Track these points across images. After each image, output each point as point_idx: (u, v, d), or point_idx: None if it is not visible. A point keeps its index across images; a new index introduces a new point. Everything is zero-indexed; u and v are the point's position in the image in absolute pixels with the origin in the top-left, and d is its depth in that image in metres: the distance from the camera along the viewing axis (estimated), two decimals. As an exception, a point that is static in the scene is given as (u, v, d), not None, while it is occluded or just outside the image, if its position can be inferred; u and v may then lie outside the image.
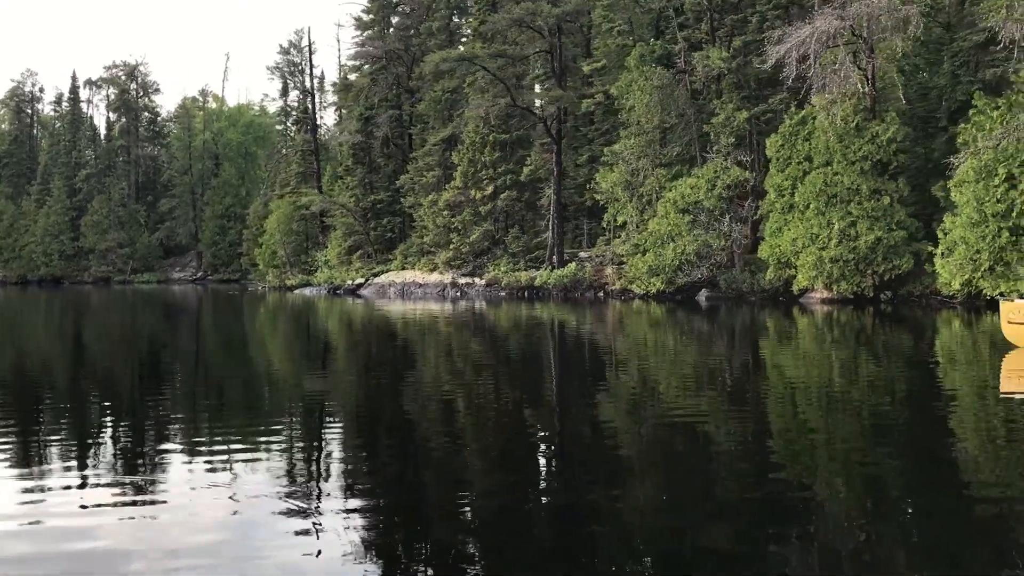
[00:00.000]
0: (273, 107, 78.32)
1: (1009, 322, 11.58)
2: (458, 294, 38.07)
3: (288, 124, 72.65)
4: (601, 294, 32.74)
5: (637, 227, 29.90)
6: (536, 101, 34.58)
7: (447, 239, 40.02)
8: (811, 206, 24.97)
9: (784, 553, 4.39)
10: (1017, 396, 8.84)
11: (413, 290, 40.35)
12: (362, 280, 43.88)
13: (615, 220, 31.38)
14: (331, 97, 67.19)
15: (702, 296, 28.16)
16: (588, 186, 35.93)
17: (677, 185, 28.42)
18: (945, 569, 4.21)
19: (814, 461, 6.33)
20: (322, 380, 11.65)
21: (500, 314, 25.27)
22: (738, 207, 27.85)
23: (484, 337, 17.80)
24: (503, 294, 36.07)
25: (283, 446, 7.15)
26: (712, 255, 27.77)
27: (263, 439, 7.35)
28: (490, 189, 38.40)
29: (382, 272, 43.69)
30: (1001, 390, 9.12)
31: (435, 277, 40.16)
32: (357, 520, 5.01)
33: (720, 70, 27.45)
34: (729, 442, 6.91)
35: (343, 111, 62.01)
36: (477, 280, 38.29)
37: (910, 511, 5.05)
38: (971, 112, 22.04)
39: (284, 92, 72.74)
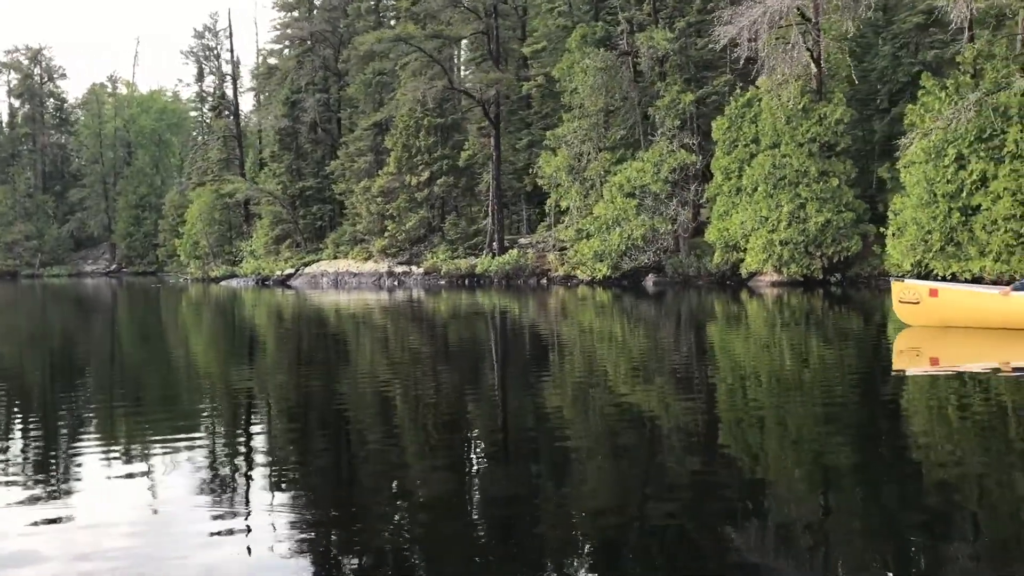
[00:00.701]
0: (188, 93, 75.49)
1: (900, 302, 12.08)
2: (395, 283, 37.06)
3: (204, 110, 70.19)
4: (544, 281, 32.20)
5: (581, 212, 29.40)
6: (474, 84, 33.62)
7: (382, 227, 38.93)
8: (759, 188, 24.82)
9: (737, 539, 4.23)
10: (909, 373, 9.09)
11: (347, 280, 39.16)
12: (292, 270, 42.44)
13: (558, 205, 30.85)
14: (248, 82, 65.03)
15: (649, 281, 27.86)
16: (528, 171, 35.32)
17: (622, 169, 27.99)
18: (896, 545, 4.14)
19: (764, 444, 6.11)
20: (248, 374, 10.91)
21: (439, 303, 24.52)
22: (683, 190, 27.56)
23: (422, 327, 17.15)
24: (443, 282, 35.22)
25: (206, 442, 6.63)
26: (659, 239, 27.45)
27: (185, 435, 6.79)
28: (426, 175, 37.45)
29: (313, 262, 42.34)
30: (893, 367, 9.45)
31: (370, 266, 39.05)
32: (288, 517, 4.67)
33: (665, 51, 27.06)
34: (678, 428, 6.62)
35: (262, 96, 60.08)
36: (415, 268, 37.34)
37: (861, 490, 4.98)
38: (920, 93, 22.09)
39: (200, 77, 70.12)
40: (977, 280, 20.56)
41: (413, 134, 37.89)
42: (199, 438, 6.74)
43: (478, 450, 6.24)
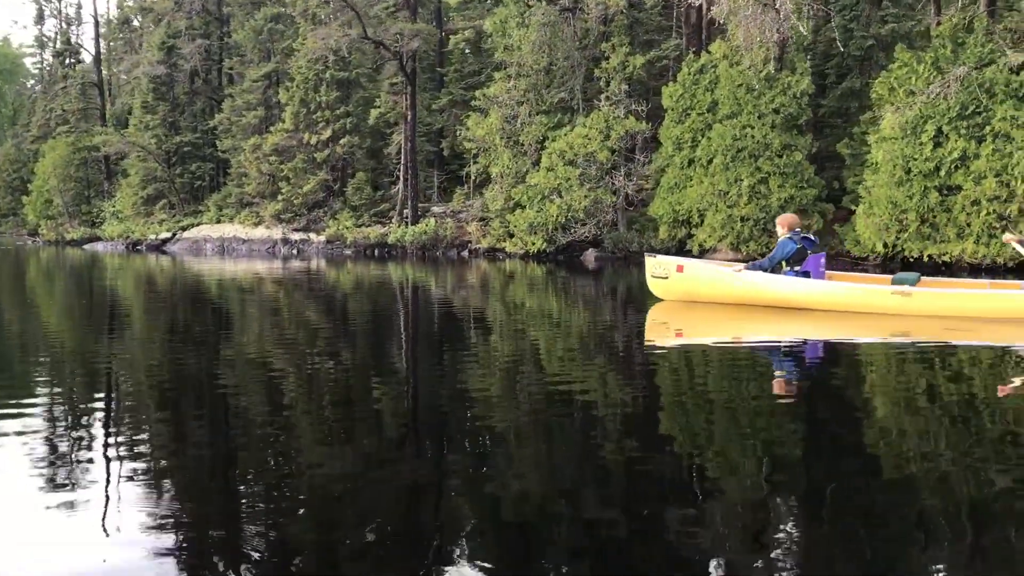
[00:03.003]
0: (25, 37, 68.35)
1: (652, 276, 12.46)
2: (293, 252, 33.76)
3: (45, 55, 63.61)
4: (466, 253, 29.83)
5: (513, 180, 27.14)
6: (391, 35, 30.56)
7: (274, 189, 35.44)
8: (714, 161, 23.31)
9: (675, 528, 3.78)
10: (658, 344, 9.25)
11: (236, 246, 35.47)
12: (169, 234, 38.24)
13: (486, 172, 28.48)
14: (89, 30, 59.20)
15: (590, 256, 25.94)
16: (444, 133, 32.73)
17: (565, 135, 25.88)
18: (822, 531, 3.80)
19: (707, 429, 5.49)
20: (110, 349, 9.17)
21: (344, 275, 22.14)
22: (629, 161, 25.77)
23: (321, 300, 15.33)
24: (349, 252, 32.26)
25: (50, 429, 5.33)
26: (601, 212, 25.58)
27: (25, 421, 5.46)
28: (327, 133, 34.19)
29: (193, 225, 38.26)
30: (645, 340, 9.65)
31: (262, 232, 35.49)
32: (154, 515, 3.85)
33: (617, 7, 25.03)
34: (613, 412, 5.83)
35: (116, 43, 54.76)
36: (314, 236, 34.11)
37: (801, 472, 4.57)
38: (895, 66, 20.99)
39: (39, 19, 63.44)
40: (948, 266, 19.80)
41: (313, 88, 34.53)
42: (42, 425, 5.38)
43: (383, 435, 5.39)
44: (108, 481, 4.32)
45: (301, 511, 3.98)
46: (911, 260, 20.25)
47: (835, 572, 3.37)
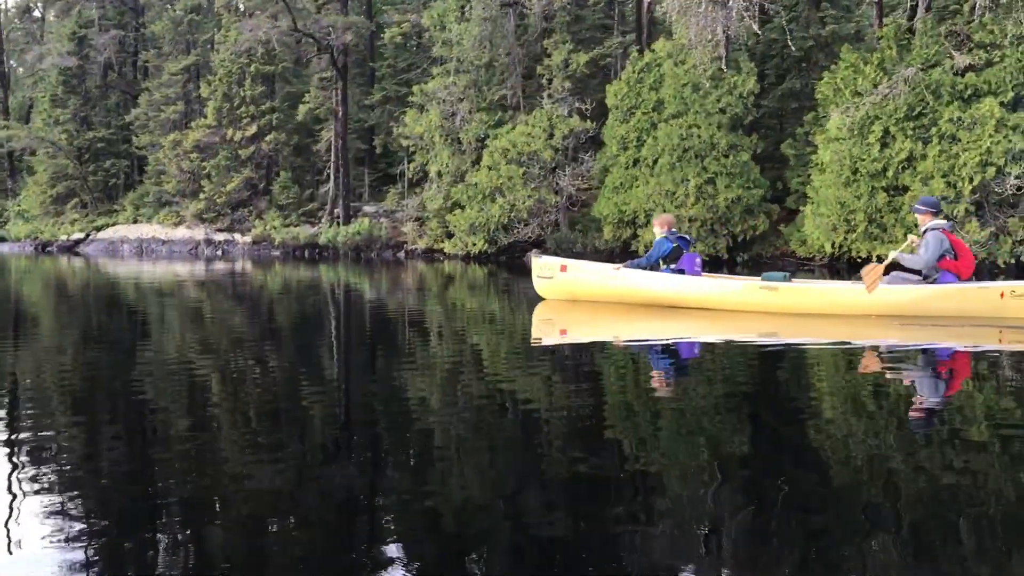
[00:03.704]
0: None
1: (538, 277, 12.67)
2: (217, 253, 32.31)
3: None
4: (402, 254, 28.94)
5: (454, 178, 26.39)
6: (321, 28, 29.42)
7: (196, 187, 33.89)
8: (660, 161, 23.01)
9: (620, 535, 3.56)
10: (545, 342, 9.35)
11: (155, 247, 33.80)
12: (82, 235, 36.22)
13: (424, 171, 27.64)
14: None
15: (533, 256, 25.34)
16: (375, 130, 31.76)
17: (507, 132, 25.24)
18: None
19: (654, 431, 5.30)
20: (14, 355, 8.51)
21: (271, 277, 21.25)
22: (572, 160, 25.30)
23: (247, 304, 14.63)
24: (276, 253, 31.02)
25: None
26: (545, 212, 25.05)
27: None
28: (252, 129, 32.85)
29: (108, 225, 36.32)
30: (532, 338, 9.74)
31: (183, 232, 33.89)
32: (64, 533, 3.48)
33: (561, 2, 24.50)
34: (559, 418, 5.61)
35: (22, 31, 52.07)
36: (240, 237, 32.71)
37: (750, 475, 4.44)
38: (843, 66, 20.99)
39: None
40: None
41: (237, 82, 33.14)
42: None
43: (312, 444, 5.03)
44: (12, 496, 3.93)
45: (225, 527, 3.70)
46: (859, 260, 20.25)
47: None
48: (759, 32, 22.38)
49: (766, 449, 4.94)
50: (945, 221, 10.72)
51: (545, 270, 12.56)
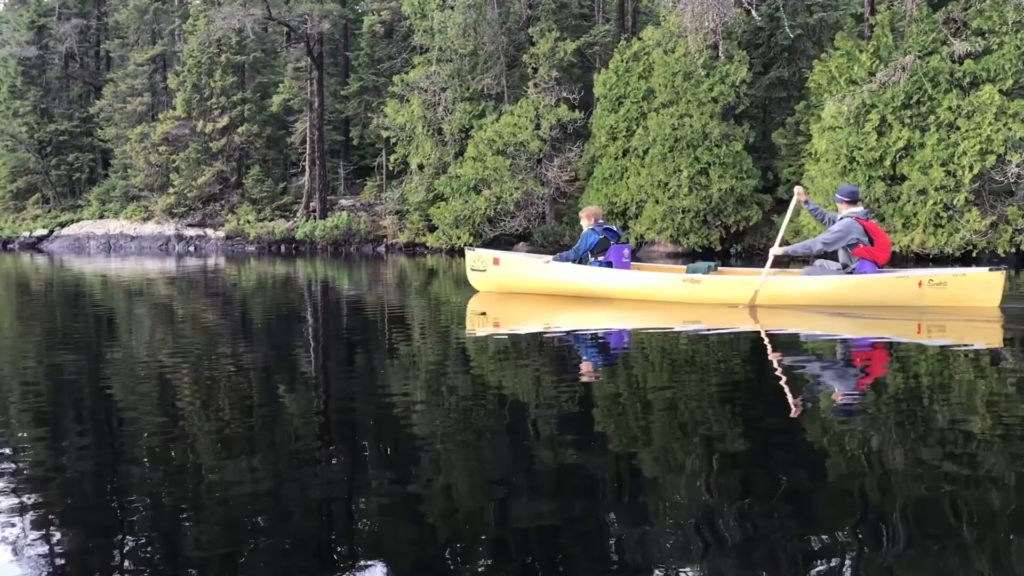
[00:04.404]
0: None
1: (472, 269, 12.86)
2: (189, 248, 31.30)
3: None
4: (383, 249, 28.22)
5: (436, 170, 25.73)
6: (296, 16, 28.50)
7: (165, 181, 32.84)
8: (651, 151, 22.56)
9: (612, 529, 3.47)
10: (478, 333, 9.49)
11: (124, 244, 32.68)
12: (45, 231, 34.95)
13: (405, 163, 26.92)
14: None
15: (522, 250, 24.80)
16: (352, 122, 30.96)
17: (492, 123, 24.62)
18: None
19: (644, 427, 5.17)
20: None
21: (246, 273, 20.48)
22: (560, 151, 24.76)
23: (220, 301, 14.08)
24: (251, 249, 30.09)
25: None
26: (532, 204, 24.50)
27: None
28: (223, 121, 31.86)
29: (73, 221, 35.09)
30: (467, 329, 9.89)
31: (152, 228, 32.81)
32: (30, 539, 3.32)
33: (547, -10, 23.93)
34: (546, 414, 5.47)
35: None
36: (212, 232, 31.73)
37: (742, 471, 4.30)
38: (836, 54, 20.68)
39: None
40: (895, 256, 19.64)
41: (207, 73, 32.11)
42: None
43: (290, 444, 4.84)
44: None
45: (202, 528, 3.56)
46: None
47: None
48: (759, 18, 22.00)
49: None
50: (861, 209, 10.71)
51: (478, 263, 12.72)
